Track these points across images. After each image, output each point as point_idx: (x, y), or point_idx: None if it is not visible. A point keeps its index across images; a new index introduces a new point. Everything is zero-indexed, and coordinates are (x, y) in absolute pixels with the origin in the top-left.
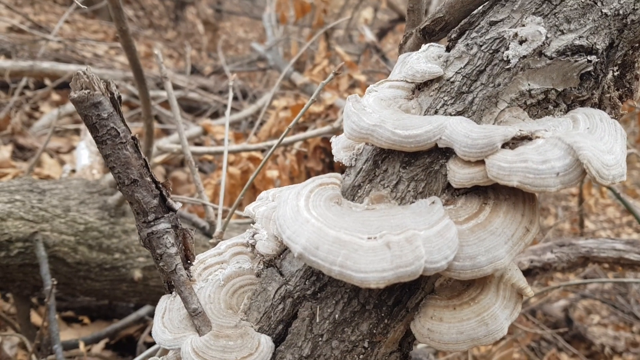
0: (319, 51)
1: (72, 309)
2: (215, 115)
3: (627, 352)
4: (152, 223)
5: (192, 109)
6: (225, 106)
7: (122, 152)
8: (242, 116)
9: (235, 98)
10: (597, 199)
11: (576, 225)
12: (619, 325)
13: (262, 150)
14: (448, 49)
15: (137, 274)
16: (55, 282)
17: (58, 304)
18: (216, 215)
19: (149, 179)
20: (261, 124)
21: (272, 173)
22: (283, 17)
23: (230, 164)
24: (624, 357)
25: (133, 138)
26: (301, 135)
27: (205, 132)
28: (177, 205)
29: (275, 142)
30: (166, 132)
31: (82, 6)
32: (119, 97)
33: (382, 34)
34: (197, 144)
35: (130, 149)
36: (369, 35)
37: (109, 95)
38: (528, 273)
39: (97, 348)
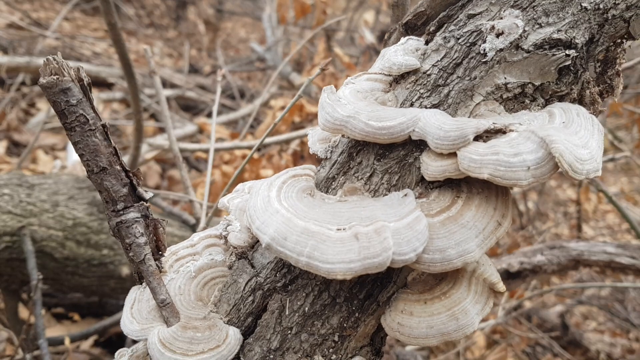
0: (318, 52)
1: (62, 306)
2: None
3: (623, 358)
4: (121, 212)
5: (189, 107)
6: (222, 105)
7: (90, 140)
8: (239, 115)
9: (233, 97)
10: (597, 205)
11: (575, 231)
12: (615, 331)
13: (259, 149)
14: (427, 42)
15: (125, 271)
16: (41, 277)
17: (48, 300)
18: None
19: (118, 167)
20: (258, 123)
21: (267, 172)
22: (283, 18)
23: (225, 162)
24: None
25: (103, 126)
26: (295, 133)
27: (201, 130)
28: (148, 195)
29: (271, 139)
30: (162, 130)
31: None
32: (89, 84)
33: (382, 36)
34: (193, 143)
35: (99, 136)
36: (369, 37)
37: (79, 81)
38: (518, 275)
39: (86, 345)
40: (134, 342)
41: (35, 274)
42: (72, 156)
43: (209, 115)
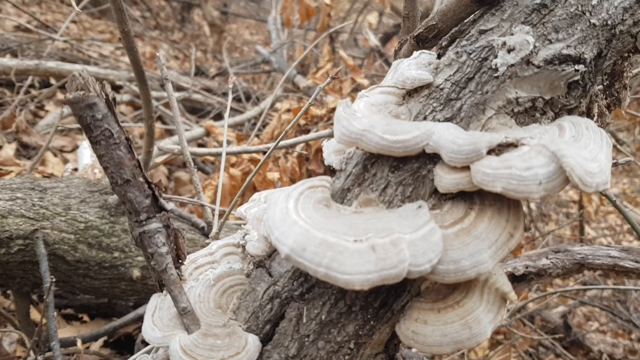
0: (323, 54)
1: (72, 307)
2: (219, 116)
3: (625, 359)
4: (144, 222)
5: (195, 110)
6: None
7: (115, 153)
8: (245, 118)
9: (238, 100)
10: (598, 207)
11: (577, 232)
12: (617, 332)
13: (264, 152)
14: (439, 57)
15: (136, 273)
16: (54, 280)
17: (58, 301)
18: (214, 216)
19: (141, 179)
20: (264, 126)
21: (273, 175)
22: (288, 21)
23: (232, 165)
24: None
25: (127, 139)
26: (302, 137)
27: (207, 133)
28: (169, 206)
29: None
30: (170, 133)
31: (78, 9)
32: (114, 99)
33: (386, 38)
34: (200, 145)
35: (123, 149)
36: (373, 40)
37: (104, 96)
38: (523, 278)
39: (96, 346)
40: (144, 343)
41: (48, 276)
42: (84, 159)
43: (216, 117)
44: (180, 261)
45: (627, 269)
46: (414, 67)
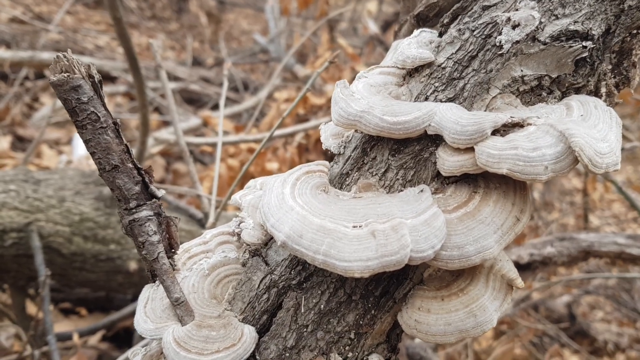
0: (322, 43)
1: (69, 301)
2: (217, 107)
3: (630, 348)
4: (134, 210)
5: (193, 100)
6: (226, 98)
7: (102, 137)
8: (243, 108)
9: (236, 90)
10: (603, 194)
11: (581, 221)
12: (622, 321)
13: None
14: (440, 35)
15: (133, 265)
16: (49, 273)
17: (55, 295)
18: (211, 206)
19: (130, 165)
20: (263, 115)
21: (272, 165)
22: (286, 9)
23: (230, 156)
24: (627, 353)
25: (114, 123)
26: (301, 126)
27: (205, 123)
28: (160, 193)
29: (274, 133)
30: (166, 124)
31: None
32: (100, 81)
33: (386, 26)
34: (198, 136)
35: (111, 134)
36: (373, 28)
37: (90, 79)
38: (528, 267)
39: (94, 340)
40: (142, 337)
41: (43, 270)
42: (78, 151)
43: (213, 108)
44: (173, 250)
45: (634, 257)
46: (415, 45)
